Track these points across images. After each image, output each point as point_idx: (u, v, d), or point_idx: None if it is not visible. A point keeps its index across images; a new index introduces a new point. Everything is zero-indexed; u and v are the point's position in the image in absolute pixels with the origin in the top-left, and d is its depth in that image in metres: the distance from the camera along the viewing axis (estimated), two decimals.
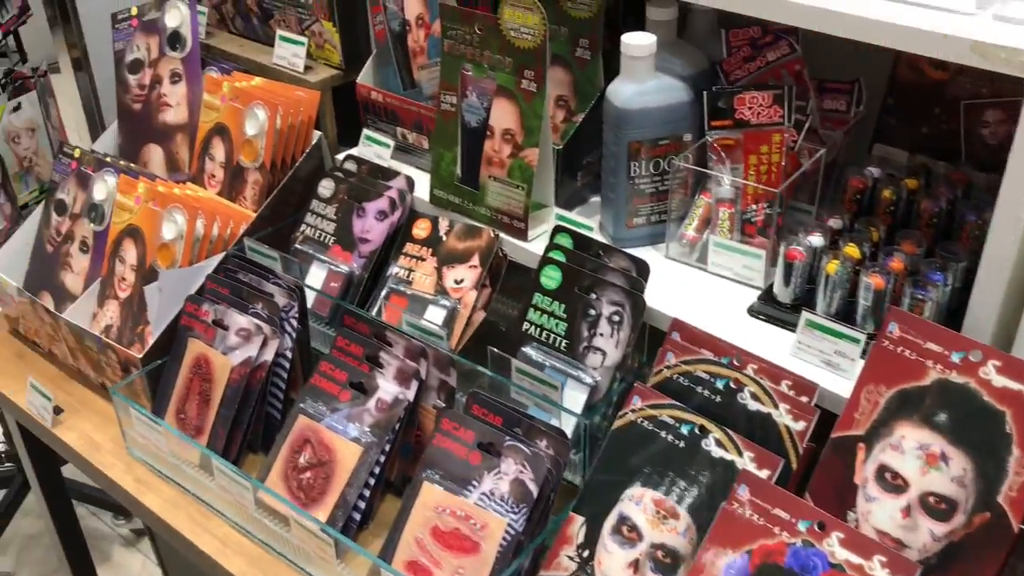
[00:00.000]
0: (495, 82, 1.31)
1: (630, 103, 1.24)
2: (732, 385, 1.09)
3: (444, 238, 1.43)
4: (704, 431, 1.07)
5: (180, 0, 1.66)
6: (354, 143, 1.63)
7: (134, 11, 1.71)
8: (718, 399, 1.10)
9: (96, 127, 2.40)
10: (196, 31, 1.64)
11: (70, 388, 1.55)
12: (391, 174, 1.52)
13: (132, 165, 1.60)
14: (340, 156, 1.59)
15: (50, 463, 1.81)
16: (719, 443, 1.05)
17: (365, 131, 1.57)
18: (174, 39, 1.66)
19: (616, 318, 1.21)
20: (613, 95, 1.26)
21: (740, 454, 1.04)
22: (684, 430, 1.08)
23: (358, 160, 1.56)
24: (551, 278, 1.26)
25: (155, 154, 1.69)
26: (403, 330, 1.28)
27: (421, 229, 1.45)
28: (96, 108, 2.37)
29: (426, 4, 1.42)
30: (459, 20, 1.32)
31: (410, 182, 1.49)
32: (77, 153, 1.61)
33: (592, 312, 1.23)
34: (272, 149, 1.48)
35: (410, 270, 1.44)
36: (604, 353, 1.21)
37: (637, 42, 1.22)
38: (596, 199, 1.46)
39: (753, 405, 1.07)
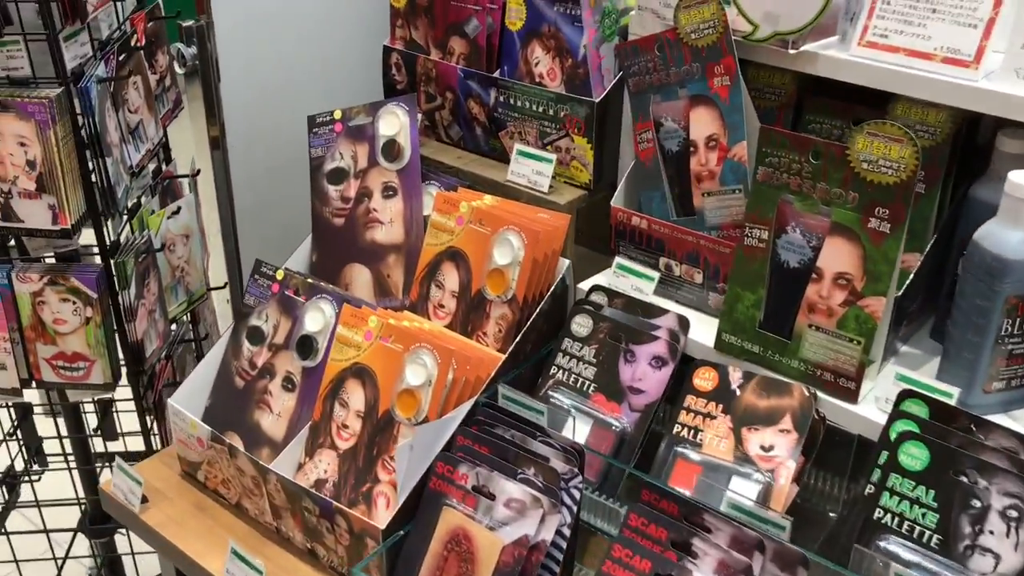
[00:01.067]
0: (829, 218, 1.12)
1: (1015, 252, 1.05)
2: None
3: (738, 392, 1.22)
4: None
5: (397, 106, 1.48)
6: None
7: (337, 115, 1.53)
8: None
9: (229, 228, 2.21)
10: (416, 141, 1.46)
11: (267, 551, 1.32)
12: (655, 311, 1.32)
13: (344, 293, 1.40)
14: (584, 286, 1.39)
15: None
16: None
17: (618, 260, 1.38)
18: (389, 149, 1.47)
19: (1013, 513, 0.99)
20: (988, 241, 1.06)
21: None
22: None
23: (608, 292, 1.36)
24: (914, 457, 1.05)
25: (360, 275, 1.49)
26: (724, 512, 1.06)
27: (706, 380, 1.24)
28: (230, 210, 2.18)
29: (723, 123, 1.24)
30: (786, 146, 1.13)
31: (683, 322, 1.29)
32: (280, 275, 1.41)
33: (976, 503, 1.01)
34: (527, 281, 1.29)
35: (696, 429, 1.22)
36: (997, 557, 1.00)
37: None
38: (908, 350, 1.26)
39: None
